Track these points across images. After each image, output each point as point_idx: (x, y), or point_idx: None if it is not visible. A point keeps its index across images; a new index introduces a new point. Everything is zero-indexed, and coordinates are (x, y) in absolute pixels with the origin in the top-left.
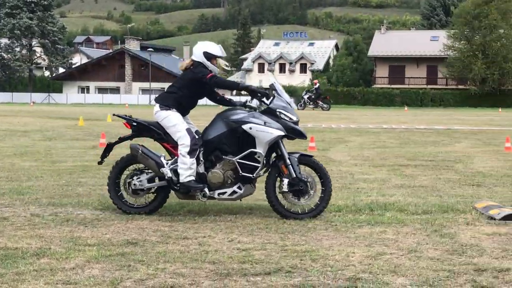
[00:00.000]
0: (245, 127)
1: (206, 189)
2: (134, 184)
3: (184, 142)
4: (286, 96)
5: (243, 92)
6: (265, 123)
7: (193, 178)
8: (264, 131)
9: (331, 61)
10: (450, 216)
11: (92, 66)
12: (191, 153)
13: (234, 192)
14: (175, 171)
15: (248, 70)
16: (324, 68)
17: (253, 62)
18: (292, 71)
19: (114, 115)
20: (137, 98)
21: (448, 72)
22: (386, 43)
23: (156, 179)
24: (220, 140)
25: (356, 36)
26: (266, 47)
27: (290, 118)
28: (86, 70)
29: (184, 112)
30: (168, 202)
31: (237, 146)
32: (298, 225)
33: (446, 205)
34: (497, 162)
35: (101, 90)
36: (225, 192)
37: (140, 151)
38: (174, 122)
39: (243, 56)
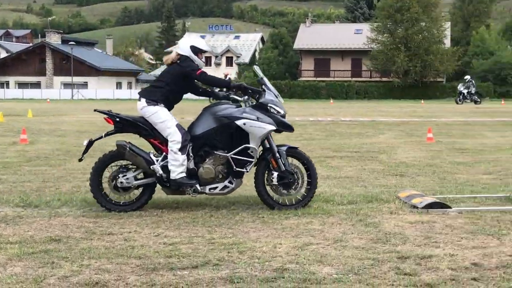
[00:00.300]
0: (239, 122)
1: (197, 185)
2: (121, 182)
3: (175, 139)
4: (274, 89)
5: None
6: (258, 118)
7: (184, 174)
8: (258, 126)
9: (257, 54)
10: (374, 205)
11: (12, 61)
12: (182, 149)
13: (226, 186)
14: (164, 168)
15: None
16: (250, 61)
17: None
18: (218, 64)
19: (95, 110)
20: (59, 92)
21: (372, 64)
22: (311, 36)
23: (140, 175)
24: (210, 136)
25: (282, 29)
26: None
27: (278, 112)
28: (5, 64)
29: (169, 107)
30: (90, 198)
31: (230, 142)
32: (225, 218)
33: (370, 195)
34: (419, 152)
35: (21, 85)
36: (216, 187)
37: (128, 148)
38: (164, 118)
39: (168, 49)
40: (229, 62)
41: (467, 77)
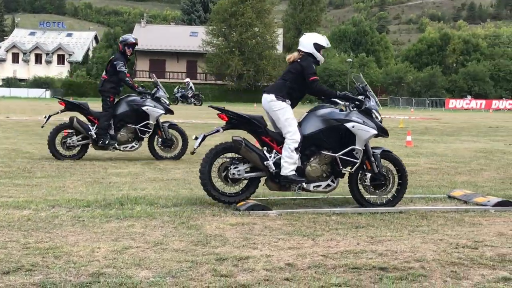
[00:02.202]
0: (348, 125)
1: (304, 183)
2: (233, 174)
3: (294, 138)
4: (375, 96)
5: None
6: (364, 122)
7: (295, 172)
8: (364, 129)
9: (90, 53)
10: (198, 208)
11: None
12: (297, 148)
13: (329, 185)
14: (275, 164)
15: (1, 60)
16: (83, 60)
17: (7, 51)
18: (49, 62)
19: (210, 106)
20: None
21: (207, 67)
22: (147, 36)
23: (249, 168)
24: (318, 136)
25: (117, 28)
26: (21, 36)
27: (377, 117)
28: None
29: (293, 104)
30: None
31: (336, 142)
32: (44, 221)
33: (195, 198)
34: None
35: None
36: (320, 185)
37: (243, 144)
38: (288, 116)
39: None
40: (61, 60)
41: (187, 80)
